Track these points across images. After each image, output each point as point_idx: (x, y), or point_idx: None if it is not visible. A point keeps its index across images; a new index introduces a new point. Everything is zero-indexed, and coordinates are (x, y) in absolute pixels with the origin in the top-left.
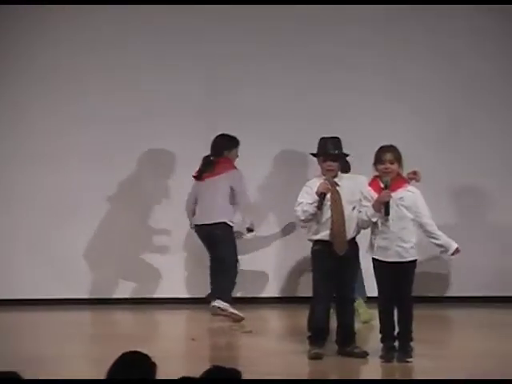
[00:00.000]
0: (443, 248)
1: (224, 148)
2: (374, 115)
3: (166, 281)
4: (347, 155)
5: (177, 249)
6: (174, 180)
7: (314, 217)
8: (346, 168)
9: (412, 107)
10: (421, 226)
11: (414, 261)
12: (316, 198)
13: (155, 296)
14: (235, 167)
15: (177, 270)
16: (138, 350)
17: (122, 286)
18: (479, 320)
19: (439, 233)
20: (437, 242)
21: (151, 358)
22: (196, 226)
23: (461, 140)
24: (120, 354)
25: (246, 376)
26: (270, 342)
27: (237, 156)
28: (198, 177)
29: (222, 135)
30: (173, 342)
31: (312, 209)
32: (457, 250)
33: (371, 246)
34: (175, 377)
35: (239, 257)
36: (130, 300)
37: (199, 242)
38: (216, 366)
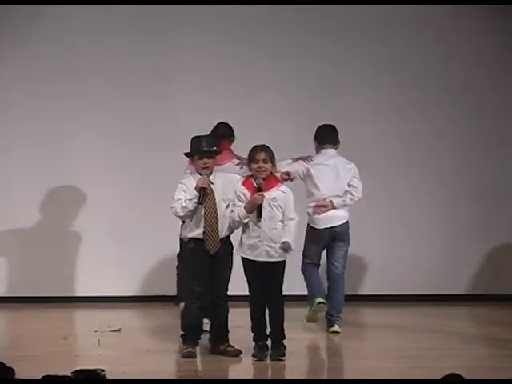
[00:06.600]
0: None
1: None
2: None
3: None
4: (220, 152)
5: None
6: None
7: (193, 213)
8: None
9: None
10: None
11: (283, 261)
12: (195, 193)
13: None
14: None
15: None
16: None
17: None
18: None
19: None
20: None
21: (5, 364)
22: None
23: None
24: None
25: (115, 376)
26: (142, 341)
27: None
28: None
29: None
30: (42, 341)
31: (191, 204)
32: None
33: (241, 244)
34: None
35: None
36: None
37: None
38: (78, 370)
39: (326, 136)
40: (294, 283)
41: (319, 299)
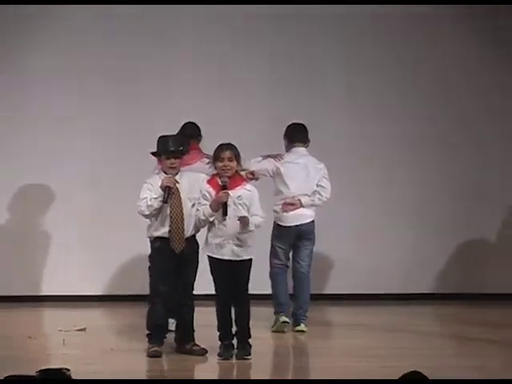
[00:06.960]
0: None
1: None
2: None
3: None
4: (187, 152)
5: None
6: None
7: (158, 211)
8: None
9: None
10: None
11: (249, 259)
12: (161, 192)
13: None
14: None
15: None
16: None
17: None
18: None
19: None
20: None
21: None
22: None
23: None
24: None
25: (80, 375)
26: (108, 340)
27: None
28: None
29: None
30: (7, 340)
31: (157, 203)
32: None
33: (207, 243)
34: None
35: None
36: None
37: None
38: (43, 369)
39: (296, 135)
40: (260, 282)
41: (283, 318)
